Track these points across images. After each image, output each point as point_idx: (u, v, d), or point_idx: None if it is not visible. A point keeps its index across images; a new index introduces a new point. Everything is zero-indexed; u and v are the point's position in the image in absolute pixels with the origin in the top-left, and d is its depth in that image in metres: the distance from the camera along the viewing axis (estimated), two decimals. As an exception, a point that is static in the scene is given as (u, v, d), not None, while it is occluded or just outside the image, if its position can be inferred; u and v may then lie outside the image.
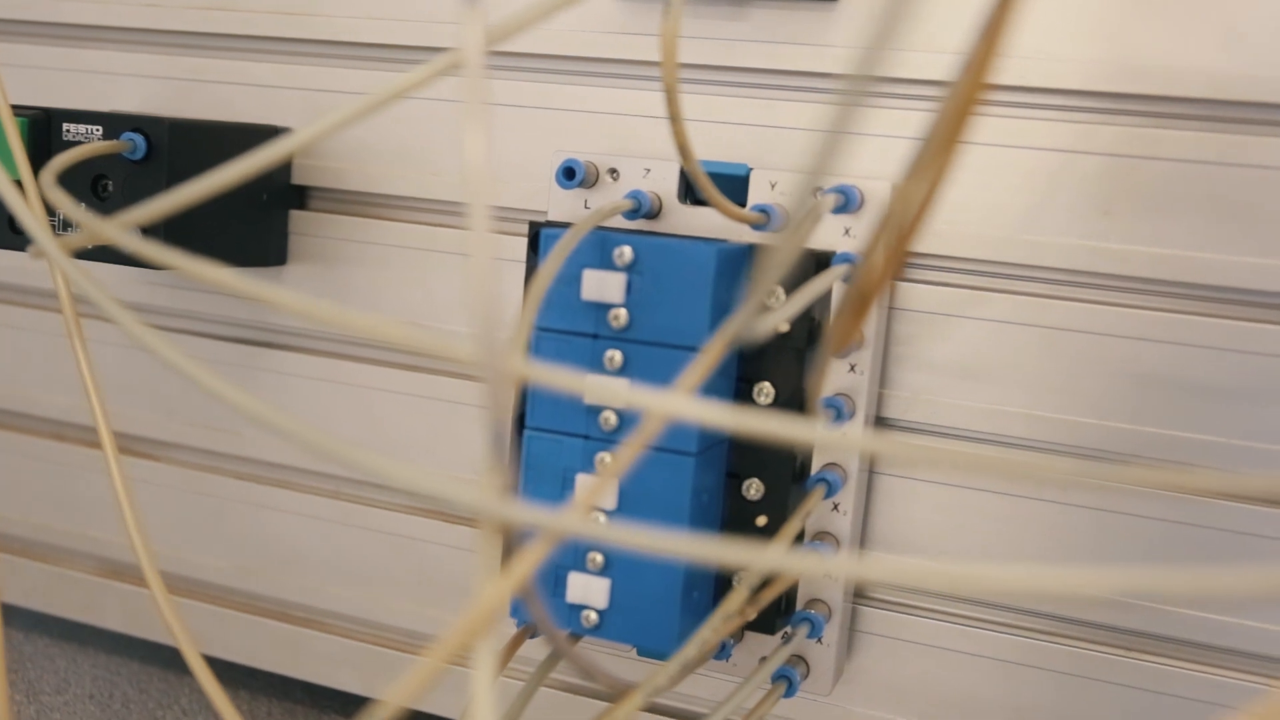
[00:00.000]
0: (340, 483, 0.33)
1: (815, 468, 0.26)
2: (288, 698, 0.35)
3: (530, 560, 0.15)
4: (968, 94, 0.14)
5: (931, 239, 0.26)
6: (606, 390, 0.15)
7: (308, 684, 0.34)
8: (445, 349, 0.14)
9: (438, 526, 0.32)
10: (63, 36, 0.35)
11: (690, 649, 0.21)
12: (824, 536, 0.26)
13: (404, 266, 0.32)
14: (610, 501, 0.24)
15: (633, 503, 0.24)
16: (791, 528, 0.24)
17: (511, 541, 0.16)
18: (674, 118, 0.20)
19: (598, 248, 0.23)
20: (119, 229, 0.19)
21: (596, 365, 0.24)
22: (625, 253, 0.23)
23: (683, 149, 0.20)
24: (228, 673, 0.35)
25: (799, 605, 0.26)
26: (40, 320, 0.36)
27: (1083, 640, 0.26)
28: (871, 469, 0.27)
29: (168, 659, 0.37)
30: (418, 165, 0.31)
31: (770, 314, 0.19)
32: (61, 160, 0.24)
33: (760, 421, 0.13)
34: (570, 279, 0.24)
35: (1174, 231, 0.25)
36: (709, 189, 0.22)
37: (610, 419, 0.24)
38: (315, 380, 0.33)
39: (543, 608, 0.17)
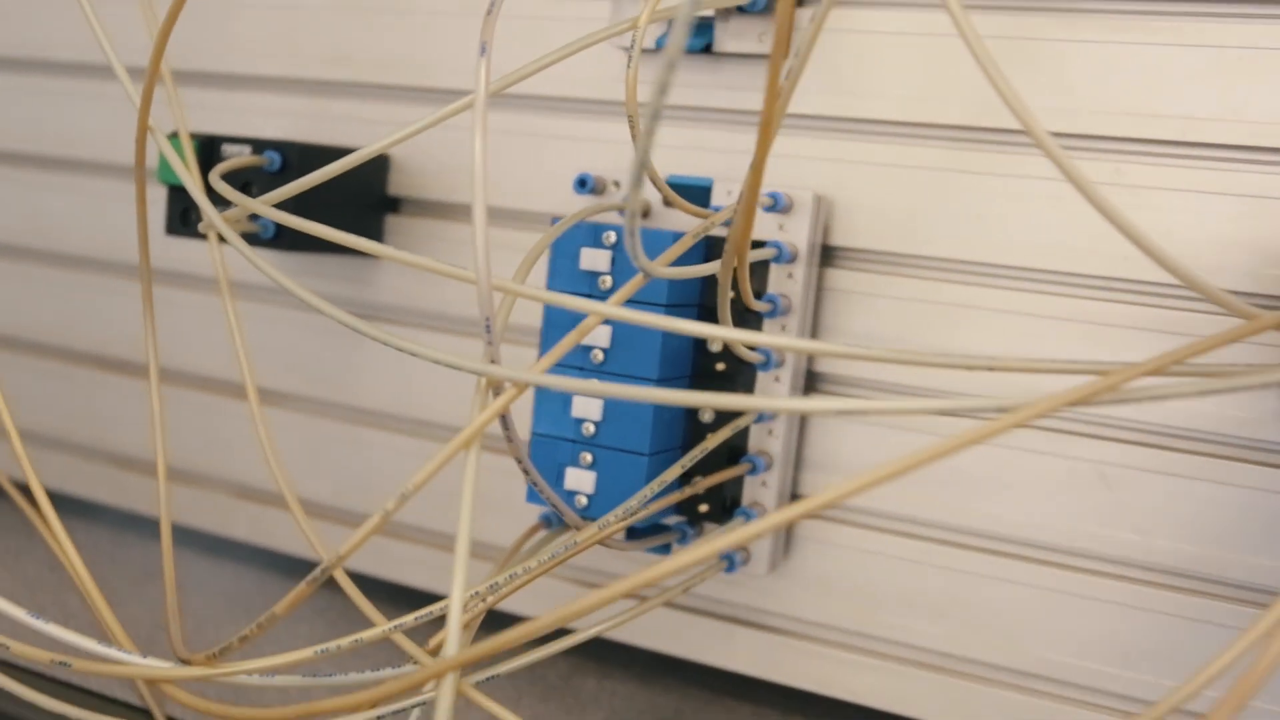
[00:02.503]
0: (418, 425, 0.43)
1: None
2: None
3: (506, 400, 0.24)
4: (767, 120, 0.23)
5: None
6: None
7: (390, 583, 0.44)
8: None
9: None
10: (228, 83, 0.46)
11: (633, 501, 0.30)
12: (762, 454, 0.35)
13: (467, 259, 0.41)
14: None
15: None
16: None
17: (498, 391, 0.25)
18: (639, 146, 0.29)
19: (592, 233, 0.33)
20: (261, 204, 0.29)
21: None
22: (610, 236, 0.32)
23: (645, 166, 0.30)
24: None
25: (743, 504, 0.35)
26: (199, 300, 0.47)
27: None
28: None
29: (287, 567, 0.47)
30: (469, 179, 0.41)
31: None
32: (222, 167, 0.34)
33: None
34: (573, 254, 0.33)
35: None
36: (667, 192, 0.31)
37: (598, 355, 0.33)
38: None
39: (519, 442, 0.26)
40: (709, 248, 0.34)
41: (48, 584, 0.44)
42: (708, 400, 0.21)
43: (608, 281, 0.33)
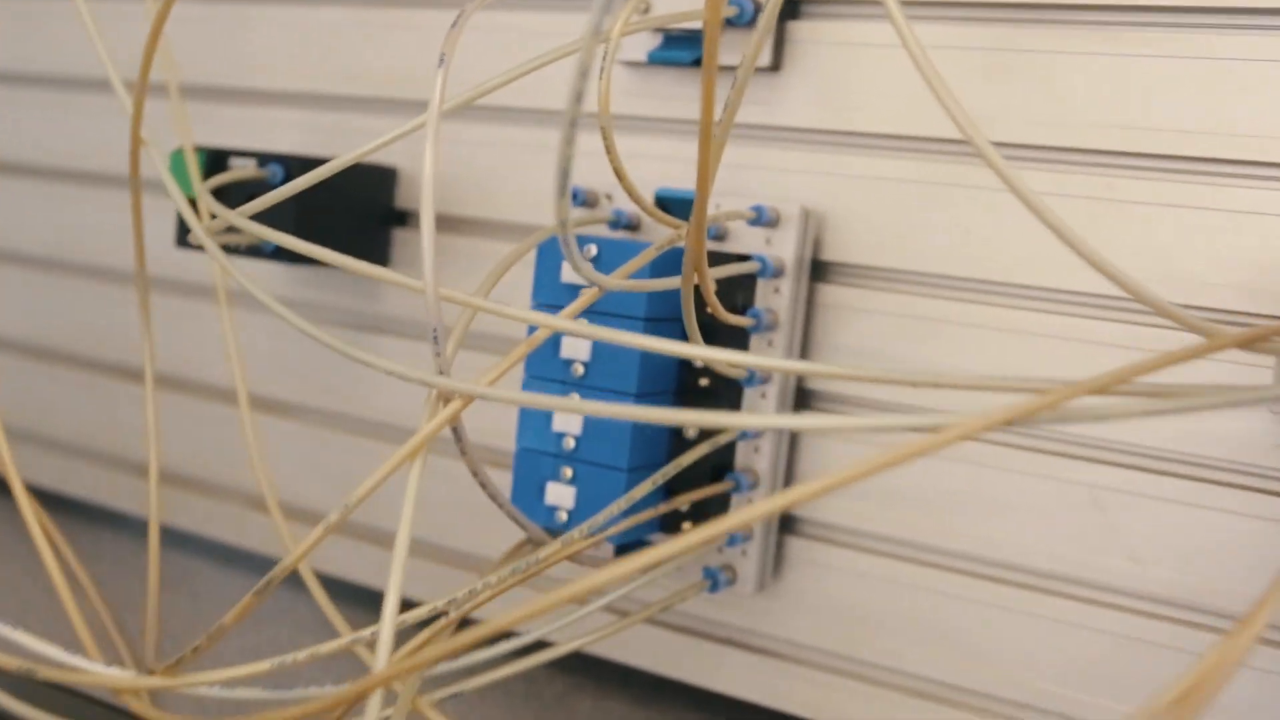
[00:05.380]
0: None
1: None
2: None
3: (452, 411, 0.24)
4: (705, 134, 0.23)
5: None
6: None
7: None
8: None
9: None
10: (242, 97, 0.46)
11: (600, 518, 0.30)
12: (748, 472, 0.34)
13: (476, 272, 0.41)
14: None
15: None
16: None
17: (447, 400, 0.25)
18: (612, 159, 0.29)
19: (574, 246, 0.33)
20: (242, 215, 0.30)
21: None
22: (591, 249, 0.32)
23: (619, 175, 0.30)
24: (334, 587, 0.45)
25: (728, 524, 0.35)
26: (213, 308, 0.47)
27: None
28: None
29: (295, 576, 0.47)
30: (483, 194, 0.41)
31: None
32: (216, 180, 0.35)
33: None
34: (557, 267, 0.33)
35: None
36: (643, 204, 0.31)
37: (578, 369, 0.33)
38: (401, 357, 0.43)
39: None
40: (694, 262, 0.34)
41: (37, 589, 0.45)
42: (675, 417, 0.21)
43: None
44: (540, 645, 0.32)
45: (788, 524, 0.36)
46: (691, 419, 0.22)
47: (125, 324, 0.50)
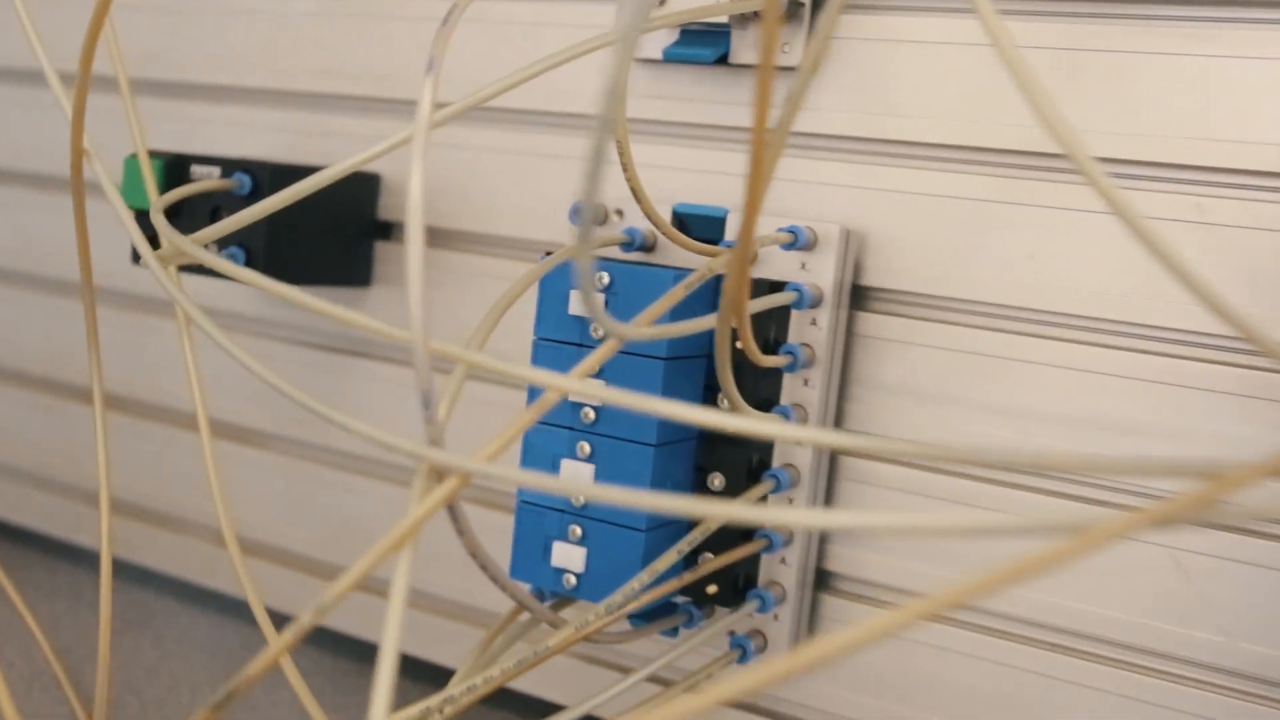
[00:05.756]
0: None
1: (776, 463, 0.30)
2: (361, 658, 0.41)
3: (447, 491, 0.20)
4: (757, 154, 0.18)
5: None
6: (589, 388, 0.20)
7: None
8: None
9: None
10: (204, 95, 0.42)
11: (618, 596, 0.25)
12: (780, 528, 0.30)
13: (468, 289, 0.37)
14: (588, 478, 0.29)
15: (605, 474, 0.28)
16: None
17: (442, 479, 0.21)
18: (629, 177, 0.25)
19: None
20: (198, 243, 0.25)
21: (579, 369, 0.29)
22: (603, 277, 0.28)
23: (637, 196, 0.25)
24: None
25: (758, 585, 0.31)
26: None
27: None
28: (830, 474, 0.31)
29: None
30: (474, 206, 0.37)
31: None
32: (172, 194, 0.31)
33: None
34: (562, 297, 0.29)
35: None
36: (665, 227, 0.27)
37: (589, 414, 0.29)
38: (385, 382, 0.39)
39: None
40: (718, 287, 0.30)
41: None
42: (700, 510, 0.17)
43: (600, 330, 0.28)
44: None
45: (823, 580, 0.32)
46: (718, 513, 0.18)
47: (79, 340, 0.46)
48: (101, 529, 0.32)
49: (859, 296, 0.31)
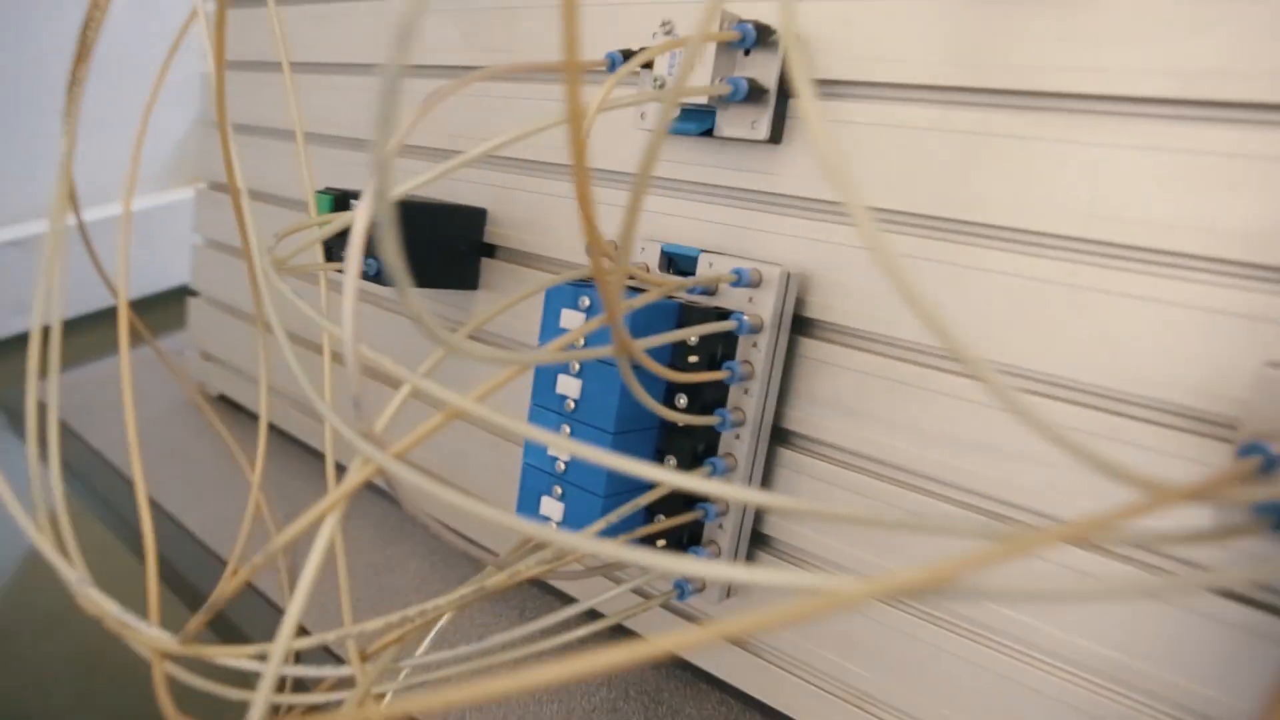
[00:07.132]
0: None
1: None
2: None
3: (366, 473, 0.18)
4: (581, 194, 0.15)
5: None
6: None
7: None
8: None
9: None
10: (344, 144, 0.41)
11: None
12: (718, 502, 0.27)
13: (537, 297, 0.35)
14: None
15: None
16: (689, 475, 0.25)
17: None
18: (584, 209, 0.22)
19: (572, 295, 0.26)
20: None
21: (566, 369, 0.26)
22: (585, 300, 0.26)
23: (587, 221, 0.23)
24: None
25: (700, 543, 0.28)
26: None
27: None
28: (767, 462, 0.28)
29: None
30: (542, 234, 0.35)
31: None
32: (290, 226, 0.30)
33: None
34: (557, 313, 0.26)
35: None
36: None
37: (570, 404, 0.26)
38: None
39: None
40: (682, 314, 0.27)
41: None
42: (647, 472, 0.15)
43: (580, 342, 0.26)
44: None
45: (761, 540, 0.29)
46: (663, 477, 0.15)
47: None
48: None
49: (803, 325, 0.27)
